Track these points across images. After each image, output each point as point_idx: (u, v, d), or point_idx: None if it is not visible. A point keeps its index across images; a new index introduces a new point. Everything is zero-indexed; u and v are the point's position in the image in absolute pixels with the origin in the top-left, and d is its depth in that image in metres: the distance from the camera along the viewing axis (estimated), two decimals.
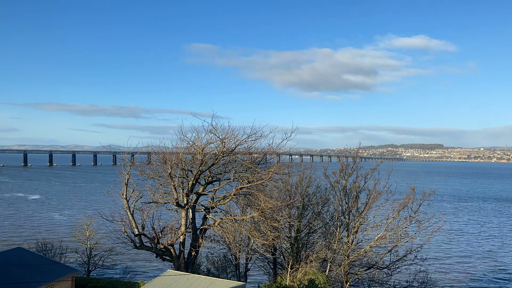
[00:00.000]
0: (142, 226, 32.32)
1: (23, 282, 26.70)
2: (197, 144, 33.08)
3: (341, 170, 36.10)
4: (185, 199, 32.85)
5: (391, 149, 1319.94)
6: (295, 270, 33.67)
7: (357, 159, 36.55)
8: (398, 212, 33.20)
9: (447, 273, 53.84)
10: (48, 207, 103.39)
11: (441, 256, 62.03)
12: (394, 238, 33.12)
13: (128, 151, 34.75)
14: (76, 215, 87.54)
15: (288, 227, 36.55)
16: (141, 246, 31.68)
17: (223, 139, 32.70)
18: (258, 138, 32.83)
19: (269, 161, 37.94)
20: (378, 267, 33.86)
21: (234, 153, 33.53)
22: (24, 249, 33.59)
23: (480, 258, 62.04)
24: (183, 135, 33.89)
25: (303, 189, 36.70)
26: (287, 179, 36.30)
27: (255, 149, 34.30)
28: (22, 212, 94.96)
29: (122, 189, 32.10)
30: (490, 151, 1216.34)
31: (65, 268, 31.95)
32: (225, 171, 34.29)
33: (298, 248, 36.26)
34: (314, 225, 36.95)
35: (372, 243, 33.47)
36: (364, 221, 34.94)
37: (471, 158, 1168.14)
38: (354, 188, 35.24)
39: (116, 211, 35.28)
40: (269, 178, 31.39)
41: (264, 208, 30.08)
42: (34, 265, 29.25)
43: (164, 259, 33.03)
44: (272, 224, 32.10)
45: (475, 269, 56.23)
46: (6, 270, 27.45)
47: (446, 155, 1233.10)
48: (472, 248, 68.85)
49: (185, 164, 33.41)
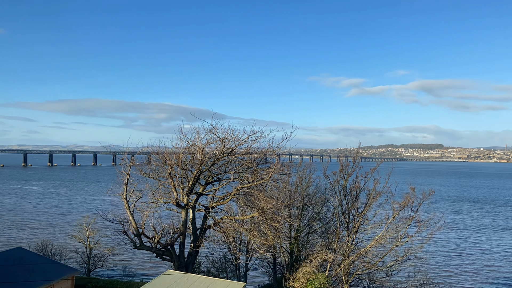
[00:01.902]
0: (142, 226, 32.30)
1: (23, 282, 26.70)
2: (197, 144, 33.08)
3: (341, 170, 36.07)
4: (185, 199, 32.84)
5: (391, 149, 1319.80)
6: (295, 270, 33.65)
7: (357, 159, 36.52)
8: (398, 212, 33.17)
9: (447, 273, 53.84)
10: (48, 207, 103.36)
11: (441, 256, 62.03)
12: (394, 238, 33.10)
13: (128, 151, 34.73)
14: (76, 215, 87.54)
15: (288, 227, 36.52)
16: (141, 246, 31.66)
17: (223, 139, 32.70)
18: (258, 138, 32.87)
19: (269, 161, 37.94)
20: (378, 267, 33.83)
21: (234, 153, 33.51)
22: (24, 249, 33.59)
23: (480, 258, 62.03)
24: (183, 135, 33.92)
25: (303, 189, 36.68)
26: (287, 179, 36.27)
27: (255, 149, 34.30)
28: (22, 212, 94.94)
29: (122, 189, 32.09)
30: (490, 151, 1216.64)
31: (65, 268, 31.96)
32: (225, 171, 34.28)
33: (298, 248, 36.24)
34: (314, 225, 36.93)
35: (372, 243, 33.44)
36: (364, 221, 34.91)
37: (471, 158, 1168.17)
38: (354, 188, 35.21)
39: (116, 211, 35.30)
40: (269, 178, 31.39)
41: (264, 208, 30.08)
42: (34, 265, 29.25)
43: (164, 259, 33.01)
44: (272, 224, 32.10)
45: (475, 269, 56.22)
46: (6, 270, 27.45)
47: (446, 155, 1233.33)
48: (473, 248, 68.85)
49: (185, 164, 33.40)
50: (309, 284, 29.41)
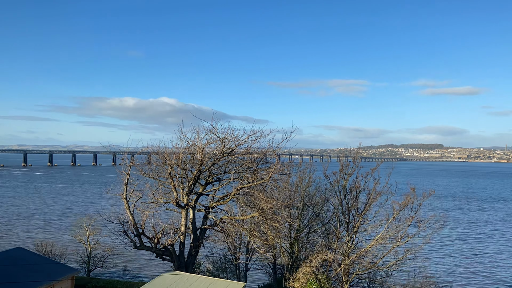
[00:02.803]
0: (142, 226, 32.29)
1: (23, 282, 26.69)
2: (197, 144, 33.07)
3: (341, 170, 36.07)
4: (185, 199, 32.84)
5: (391, 149, 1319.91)
6: (295, 270, 33.65)
7: (357, 159, 36.51)
8: (398, 212, 33.16)
9: (447, 273, 53.84)
10: (48, 207, 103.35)
11: (441, 256, 62.04)
12: (394, 238, 33.10)
13: (128, 151, 34.72)
14: (76, 215, 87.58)
15: (288, 227, 36.52)
16: (141, 246, 31.65)
17: (223, 139, 32.69)
18: (258, 138, 32.84)
19: (269, 161, 37.93)
20: (378, 267, 33.81)
21: (234, 153, 33.50)
22: (24, 249, 33.60)
23: (480, 258, 62.03)
24: (183, 135, 33.91)
25: (303, 189, 36.67)
26: (287, 179, 36.26)
27: (255, 149, 34.28)
28: (22, 212, 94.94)
29: (122, 189, 32.08)
30: (490, 151, 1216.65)
31: (65, 268, 31.96)
32: (225, 171, 34.27)
33: (298, 248, 36.23)
34: (314, 225, 36.91)
35: (372, 243, 33.43)
36: (364, 221, 34.90)
37: (471, 158, 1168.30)
38: (354, 188, 35.20)
39: (116, 211, 35.28)
40: (269, 178, 31.38)
41: (264, 208, 30.07)
42: (34, 265, 29.26)
43: (164, 259, 32.99)
44: (272, 224, 32.09)
45: (475, 269, 56.22)
46: (6, 270, 27.45)
47: (446, 155, 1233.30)
48: (473, 247, 68.84)
49: (185, 164, 33.40)
50: (309, 284, 29.40)
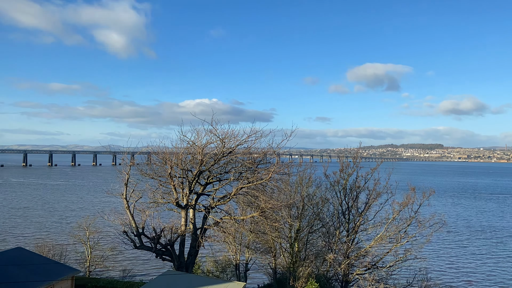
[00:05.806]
0: (142, 226, 32.30)
1: (23, 282, 26.69)
2: (197, 144, 33.07)
3: (341, 170, 36.12)
4: (185, 199, 32.83)
5: (391, 149, 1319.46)
6: (295, 270, 33.65)
7: (357, 159, 36.55)
8: (398, 212, 33.19)
9: (447, 273, 53.82)
10: (48, 207, 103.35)
11: (441, 256, 62.02)
12: (394, 238, 33.12)
13: (128, 151, 34.74)
14: (76, 215, 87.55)
15: (288, 227, 36.54)
16: (141, 246, 31.66)
17: (223, 139, 32.68)
18: (258, 138, 32.83)
19: (269, 161, 37.92)
20: (378, 267, 33.83)
21: (234, 153, 33.49)
22: (24, 249, 33.58)
23: (480, 258, 62.01)
24: (183, 135, 33.91)
25: (303, 189, 36.66)
26: (287, 179, 36.25)
27: (255, 149, 34.26)
28: (22, 212, 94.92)
29: (122, 189, 32.08)
30: (490, 151, 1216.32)
31: (65, 268, 31.95)
32: (225, 171, 34.26)
33: (298, 248, 36.23)
34: (314, 225, 36.92)
35: (372, 243, 33.45)
36: (364, 221, 34.93)
37: (471, 158, 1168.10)
38: (354, 188, 35.24)
39: (116, 211, 35.27)
40: (269, 178, 31.36)
41: (264, 208, 30.06)
42: (34, 265, 29.24)
43: (164, 259, 33.00)
44: (272, 224, 32.07)
45: (475, 269, 56.21)
46: (6, 270, 27.45)
47: (446, 155, 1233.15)
48: (473, 247, 68.83)
49: (185, 164, 33.39)
50: (309, 284, 29.40)
